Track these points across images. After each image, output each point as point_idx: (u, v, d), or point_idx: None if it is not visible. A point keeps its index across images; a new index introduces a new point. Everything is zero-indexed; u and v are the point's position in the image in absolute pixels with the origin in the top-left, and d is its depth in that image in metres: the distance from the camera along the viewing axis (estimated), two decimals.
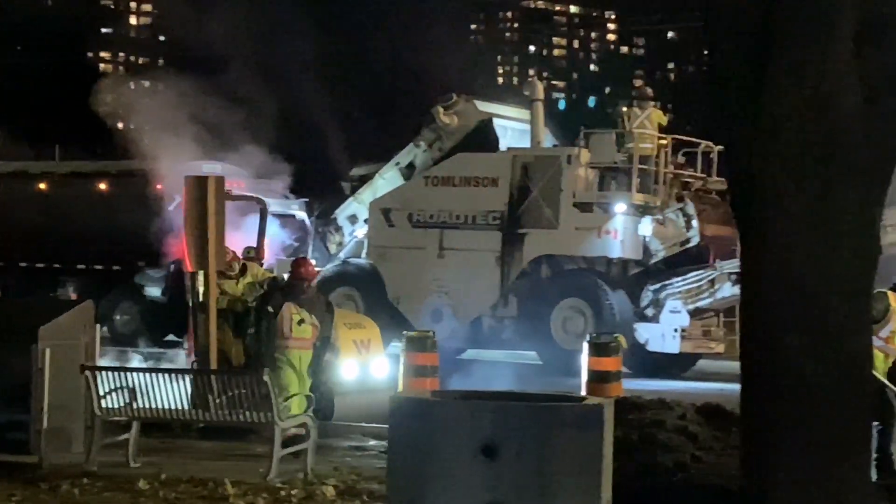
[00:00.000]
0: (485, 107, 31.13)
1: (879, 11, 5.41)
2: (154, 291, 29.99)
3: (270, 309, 15.49)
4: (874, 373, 14.71)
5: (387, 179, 30.83)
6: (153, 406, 15.13)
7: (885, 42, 5.41)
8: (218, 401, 16.28)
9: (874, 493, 6.25)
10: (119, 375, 14.93)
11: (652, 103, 31.60)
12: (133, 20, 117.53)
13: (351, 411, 16.92)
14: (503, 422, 9.08)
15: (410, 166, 30.62)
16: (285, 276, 17.25)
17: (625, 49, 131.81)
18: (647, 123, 29.30)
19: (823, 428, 5.46)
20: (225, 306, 16.54)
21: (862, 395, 5.65)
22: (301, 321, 15.40)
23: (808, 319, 5.43)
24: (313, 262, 18.39)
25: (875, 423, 13.05)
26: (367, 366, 16.83)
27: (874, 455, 14.14)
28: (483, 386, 16.43)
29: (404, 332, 18.00)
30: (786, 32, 5.32)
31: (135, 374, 15.57)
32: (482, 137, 30.04)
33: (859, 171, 5.48)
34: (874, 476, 12.90)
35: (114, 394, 14.61)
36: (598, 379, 16.21)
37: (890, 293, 15.18)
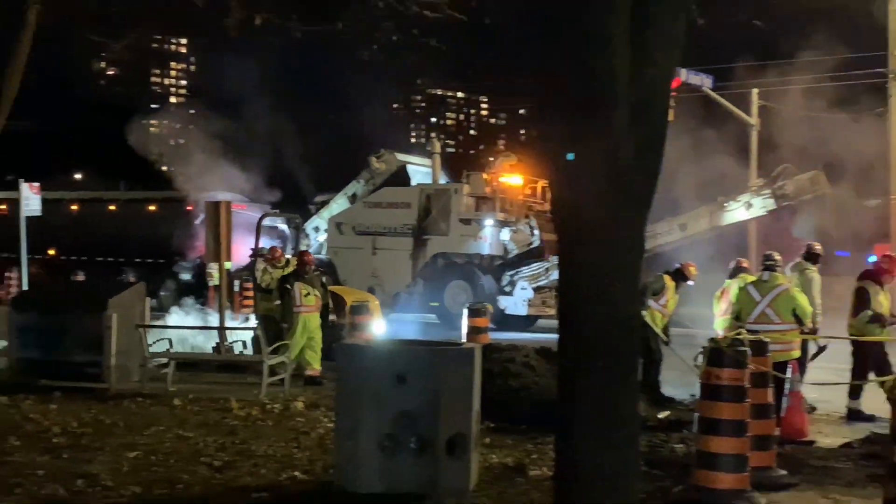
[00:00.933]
0: (402, 157, 32.27)
1: (643, 95, 5.44)
2: (185, 276, 30.18)
3: (288, 287, 15.45)
4: (653, 326, 14.94)
5: (339, 203, 31.57)
6: (184, 350, 15.37)
7: (645, 117, 5.43)
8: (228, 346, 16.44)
9: (639, 413, 6.14)
10: (161, 332, 15.11)
11: (508, 156, 32.02)
12: (173, 99, 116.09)
13: None
14: (411, 359, 9.12)
15: (354, 195, 31.17)
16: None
17: (493, 120, 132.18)
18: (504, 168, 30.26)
19: (607, 366, 5.46)
20: (274, 286, 16.43)
21: (631, 343, 5.63)
22: (307, 294, 15.43)
23: (597, 295, 5.44)
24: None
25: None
26: (371, 326, 16.67)
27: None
28: (400, 336, 16.44)
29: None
30: (585, 105, 5.35)
31: (171, 330, 15.83)
32: (400, 177, 30.88)
33: (634, 200, 5.51)
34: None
35: (157, 343, 14.68)
36: (474, 332, 16.15)
37: (665, 275, 15.34)
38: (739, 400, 8.36)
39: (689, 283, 15.45)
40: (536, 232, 27.91)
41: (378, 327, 17.41)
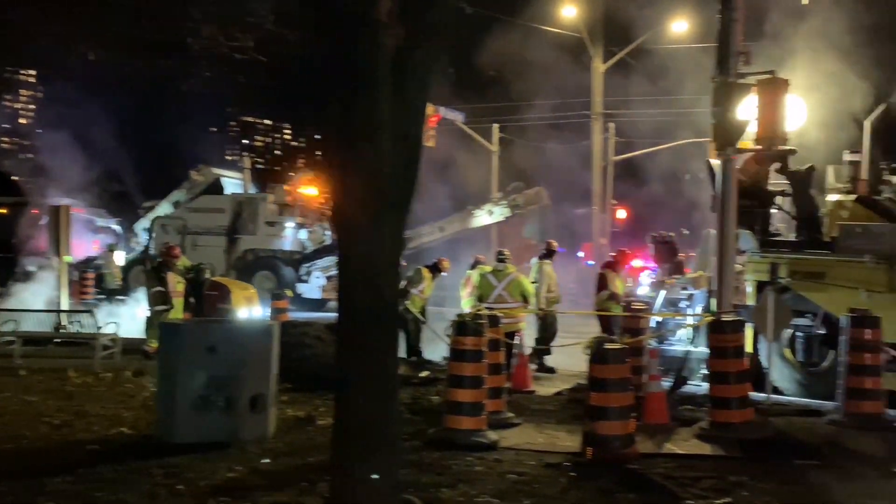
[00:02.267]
0: (217, 171, 31.01)
1: (402, 126, 5.49)
2: (31, 268, 27.86)
3: (162, 276, 14.53)
4: (413, 310, 15.13)
5: (164, 208, 30.01)
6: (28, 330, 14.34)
7: (403, 143, 5.47)
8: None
9: (398, 374, 6.17)
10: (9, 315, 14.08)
11: (306, 172, 31.86)
12: (23, 120, 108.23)
13: None
14: (221, 334, 8.93)
15: (177, 202, 29.87)
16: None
17: (294, 143, 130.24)
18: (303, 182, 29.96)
19: (373, 337, 5.48)
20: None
21: (393, 320, 5.66)
22: (179, 282, 14.56)
23: (365, 282, 5.46)
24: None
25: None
26: (252, 311, 15.92)
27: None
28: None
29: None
30: (355, 133, 5.35)
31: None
32: (216, 187, 29.78)
33: (394, 207, 5.55)
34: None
35: (6, 324, 13.73)
36: (276, 312, 15.97)
37: (424, 268, 15.57)
38: (478, 360, 8.61)
39: (444, 273, 15.75)
40: (328, 232, 27.73)
41: (257, 312, 16.86)
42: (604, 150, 36.18)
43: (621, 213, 39.73)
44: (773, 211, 13.77)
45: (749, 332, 12.30)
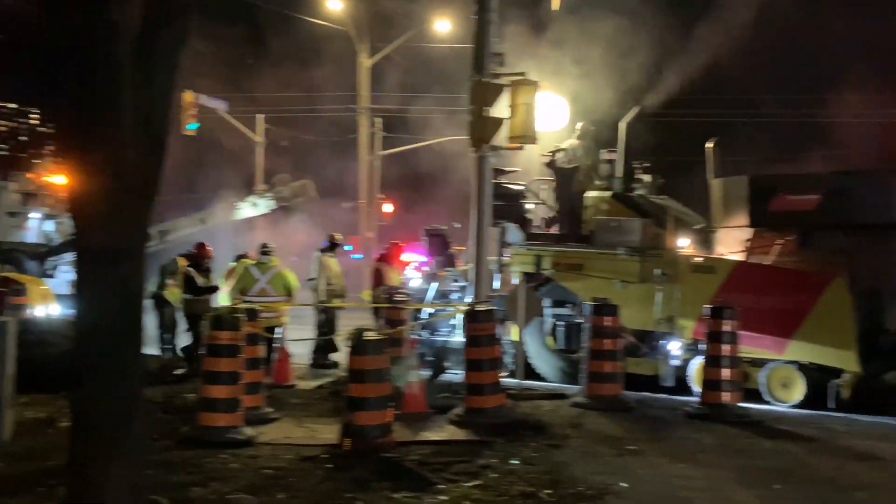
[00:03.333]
0: None
1: (145, 109, 5.28)
2: None
3: None
4: (171, 300, 14.59)
5: None
6: None
7: (147, 127, 5.27)
8: None
9: (143, 369, 5.92)
10: None
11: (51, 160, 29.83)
12: None
13: None
14: None
15: None
16: None
17: (44, 129, 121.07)
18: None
19: (113, 332, 5.24)
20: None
21: (136, 313, 5.40)
22: None
23: (105, 274, 5.20)
24: None
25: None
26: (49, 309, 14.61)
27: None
28: None
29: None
30: (95, 116, 5.10)
31: None
32: None
33: (138, 194, 5.33)
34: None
35: None
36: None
37: (180, 258, 15.05)
38: (235, 356, 8.45)
39: (207, 260, 15.31)
40: None
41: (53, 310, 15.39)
42: (370, 145, 36.55)
43: (388, 208, 40.25)
44: (535, 205, 14.47)
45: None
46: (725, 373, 9.94)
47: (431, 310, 13.61)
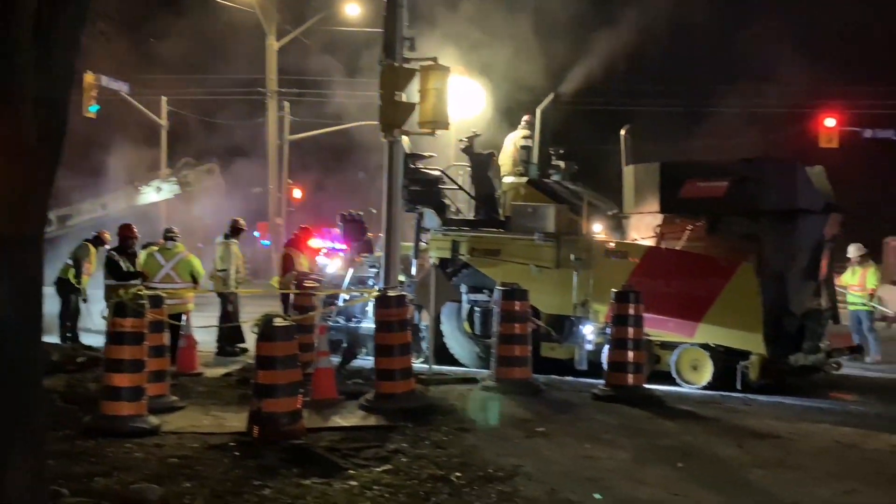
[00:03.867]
0: None
1: (46, 90, 5.08)
2: None
3: None
4: (79, 286, 14.23)
5: None
6: None
7: (47, 109, 5.08)
8: None
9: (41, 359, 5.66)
10: None
11: None
12: None
13: None
14: None
15: None
16: None
17: None
18: None
19: (6, 322, 5.01)
20: None
21: (32, 301, 5.18)
22: None
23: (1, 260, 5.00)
24: None
25: None
26: None
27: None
28: None
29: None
30: None
31: None
32: None
33: (37, 179, 5.12)
34: None
35: None
36: None
37: (86, 242, 14.72)
38: (138, 343, 8.26)
39: (107, 246, 14.94)
40: None
41: None
42: (279, 129, 36.08)
43: (297, 193, 39.86)
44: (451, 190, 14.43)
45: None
46: (630, 355, 10.18)
47: (347, 296, 13.55)
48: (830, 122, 32.20)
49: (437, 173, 14.14)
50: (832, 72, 36.80)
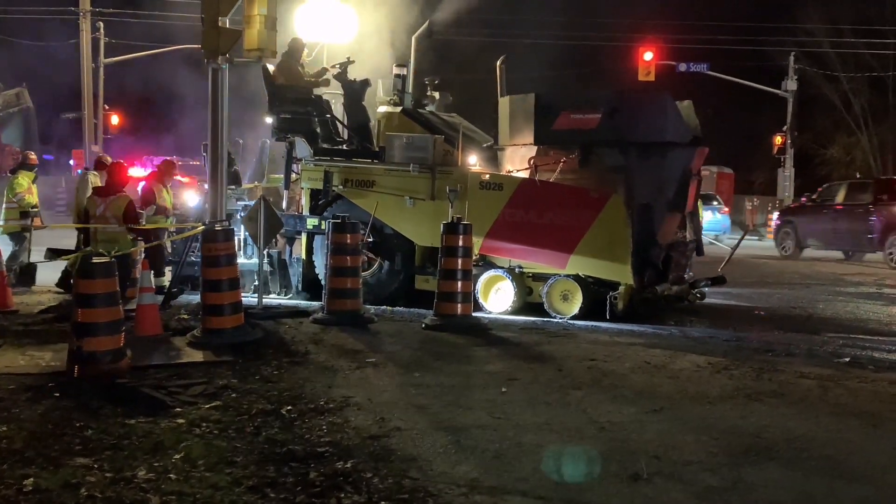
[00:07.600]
0: None
1: None
2: None
3: None
4: None
5: None
6: None
7: None
8: None
9: None
10: None
11: None
12: None
13: None
14: None
15: None
16: None
17: None
18: None
19: None
20: None
21: None
22: None
23: None
24: None
25: None
26: None
27: None
28: None
29: None
30: None
31: None
32: None
33: None
34: None
35: None
36: None
37: None
38: None
39: None
40: None
41: None
42: (94, 51, 34.06)
43: (115, 119, 37.83)
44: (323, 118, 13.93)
45: (305, 241, 12.71)
46: (459, 285, 10.48)
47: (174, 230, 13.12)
48: (648, 55, 33.72)
49: (307, 98, 13.60)
50: (652, 7, 38.32)
